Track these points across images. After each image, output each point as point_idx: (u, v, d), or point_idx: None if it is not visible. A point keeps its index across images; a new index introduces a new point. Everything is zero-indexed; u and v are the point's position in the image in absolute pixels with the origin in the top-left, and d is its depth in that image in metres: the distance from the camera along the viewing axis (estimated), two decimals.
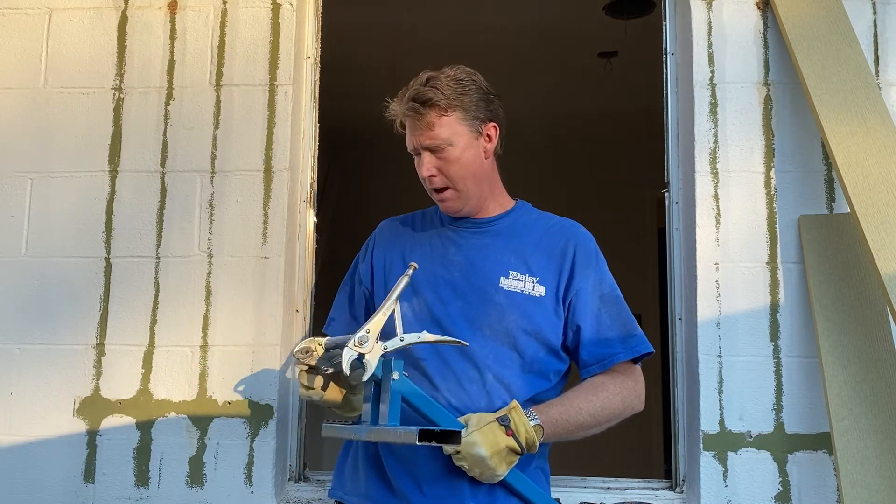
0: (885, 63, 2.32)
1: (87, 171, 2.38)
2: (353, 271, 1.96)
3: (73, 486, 2.26)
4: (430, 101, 1.73)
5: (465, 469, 1.63)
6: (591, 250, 1.86)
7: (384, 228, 1.98)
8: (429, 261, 1.83)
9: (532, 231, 1.86)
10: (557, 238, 1.85)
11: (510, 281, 1.78)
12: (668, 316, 2.39)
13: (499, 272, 1.79)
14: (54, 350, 2.31)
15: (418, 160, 1.80)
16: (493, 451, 1.60)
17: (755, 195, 2.28)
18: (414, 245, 1.89)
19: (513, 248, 1.83)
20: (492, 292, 1.78)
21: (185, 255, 2.33)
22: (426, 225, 1.93)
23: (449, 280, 1.80)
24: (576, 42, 4.28)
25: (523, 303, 1.77)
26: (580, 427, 1.74)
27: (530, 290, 1.78)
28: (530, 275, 1.79)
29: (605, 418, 1.76)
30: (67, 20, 2.45)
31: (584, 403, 1.74)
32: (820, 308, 2.16)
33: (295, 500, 2.27)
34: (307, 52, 2.49)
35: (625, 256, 5.74)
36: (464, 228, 1.87)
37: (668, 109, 2.44)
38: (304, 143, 2.45)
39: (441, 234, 1.88)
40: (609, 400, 1.76)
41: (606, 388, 1.77)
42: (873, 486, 1.95)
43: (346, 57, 4.21)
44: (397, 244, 1.91)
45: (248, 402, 2.26)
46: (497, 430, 1.62)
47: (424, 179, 1.80)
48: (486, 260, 1.82)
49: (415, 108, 1.73)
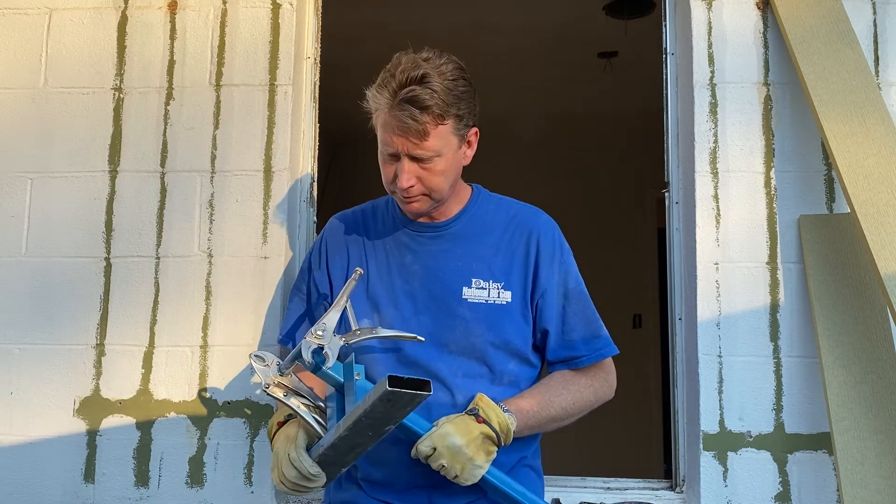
0: (885, 63, 2.32)
1: (87, 171, 2.38)
2: (307, 277, 1.87)
3: (73, 486, 2.26)
4: (426, 108, 1.58)
5: (444, 471, 1.57)
6: (555, 242, 1.78)
7: (335, 229, 1.87)
8: (385, 271, 1.75)
9: (492, 229, 1.77)
10: (519, 234, 1.76)
11: (473, 290, 1.70)
12: (668, 316, 2.39)
13: (460, 282, 1.71)
14: (54, 350, 2.31)
15: (392, 164, 1.65)
16: (467, 438, 1.56)
17: (755, 195, 2.28)
18: (369, 252, 1.79)
19: (473, 252, 1.74)
20: (454, 305, 1.70)
21: (185, 255, 2.33)
22: (378, 225, 1.82)
23: (409, 292, 1.72)
24: (576, 42, 4.28)
25: (489, 314, 1.70)
26: (552, 419, 1.71)
27: (495, 297, 1.71)
28: (494, 280, 1.72)
29: (576, 411, 1.74)
30: (67, 20, 2.45)
31: (555, 397, 1.72)
32: (820, 308, 2.16)
33: (295, 500, 2.27)
34: (307, 52, 2.49)
35: (625, 256, 5.77)
36: (419, 233, 1.77)
37: (668, 109, 2.44)
38: (304, 143, 2.45)
39: (396, 238, 1.78)
40: (580, 393, 1.75)
41: (578, 381, 1.76)
42: (873, 486, 1.95)
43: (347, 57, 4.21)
44: (353, 251, 1.81)
45: (248, 402, 2.26)
46: (468, 419, 1.59)
47: (399, 188, 1.65)
48: (446, 269, 1.73)
49: (411, 113, 1.57)
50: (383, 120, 1.63)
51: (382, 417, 1.48)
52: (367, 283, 1.76)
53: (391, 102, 1.59)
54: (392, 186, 1.69)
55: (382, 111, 1.62)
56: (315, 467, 1.55)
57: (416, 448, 1.58)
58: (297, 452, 1.56)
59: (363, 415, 1.47)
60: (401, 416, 1.51)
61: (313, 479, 1.56)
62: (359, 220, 1.86)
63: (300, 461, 1.55)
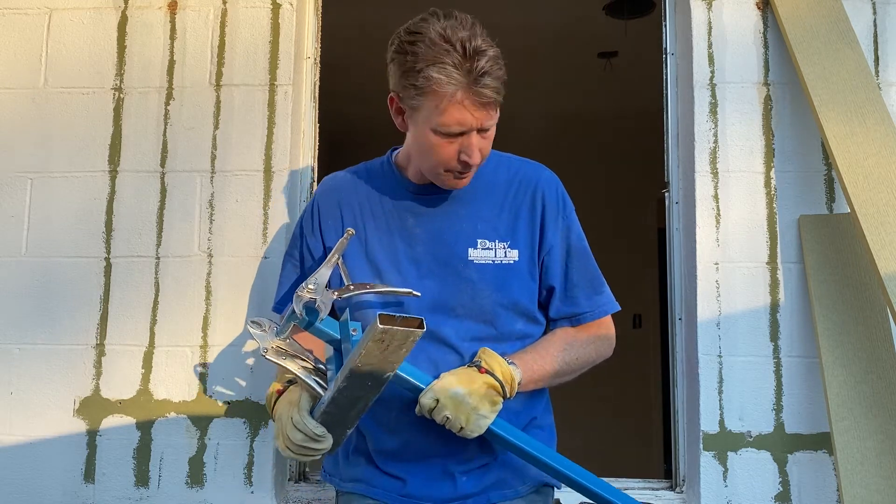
0: (885, 63, 2.32)
1: (87, 171, 2.38)
2: (299, 243, 1.80)
3: (73, 486, 2.26)
4: (501, 78, 1.53)
5: (448, 423, 1.54)
6: (559, 198, 1.74)
7: (327, 192, 1.80)
8: (386, 234, 1.70)
9: (495, 187, 1.72)
10: (523, 191, 1.72)
11: (479, 251, 1.66)
12: (668, 316, 2.39)
13: (466, 244, 1.67)
14: (54, 350, 2.31)
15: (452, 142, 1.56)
16: (470, 388, 1.53)
17: (755, 195, 2.28)
18: (366, 215, 1.73)
19: (477, 212, 1.69)
20: (461, 267, 1.66)
21: (185, 255, 2.33)
22: (375, 187, 1.75)
23: (412, 256, 1.67)
24: (576, 42, 4.28)
25: (496, 274, 1.66)
26: (556, 374, 1.68)
27: (502, 257, 1.67)
28: (500, 240, 1.68)
29: (579, 366, 1.72)
30: (67, 20, 2.45)
31: (558, 352, 1.69)
32: (820, 308, 2.16)
33: (295, 500, 2.27)
34: (307, 52, 2.49)
35: (625, 256, 5.77)
36: (421, 195, 1.71)
37: (668, 109, 2.44)
38: (304, 143, 2.45)
39: (396, 202, 1.72)
40: (583, 349, 1.73)
41: (580, 337, 1.73)
42: (873, 486, 1.95)
43: (347, 57, 4.21)
44: (347, 214, 1.74)
45: (248, 402, 2.26)
46: (470, 370, 1.57)
47: (471, 164, 1.58)
48: (450, 231, 1.68)
49: (494, 87, 1.51)
50: (458, 98, 1.51)
51: (379, 361, 1.43)
52: (367, 247, 1.70)
53: (466, 80, 1.50)
54: (450, 164, 1.59)
55: (457, 89, 1.50)
56: (320, 427, 1.51)
57: (420, 402, 1.55)
58: (301, 415, 1.52)
59: (360, 361, 1.42)
60: (398, 360, 1.45)
61: (319, 441, 1.52)
62: (352, 183, 1.78)
63: (304, 423, 1.51)
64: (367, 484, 1.70)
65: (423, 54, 1.51)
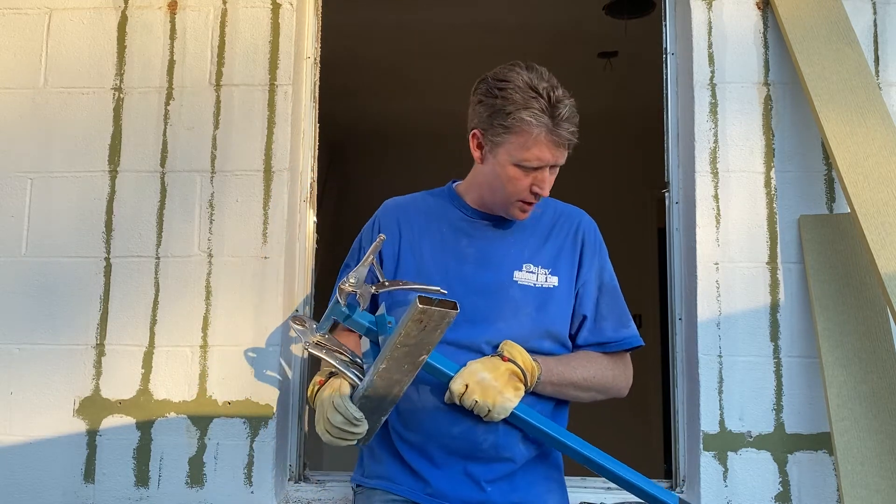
0: (885, 63, 2.32)
1: (87, 171, 2.38)
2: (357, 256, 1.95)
3: (73, 486, 2.26)
4: (576, 121, 1.77)
5: (477, 407, 1.68)
6: (597, 239, 1.94)
7: (389, 211, 1.97)
8: (440, 252, 1.86)
9: (541, 222, 1.91)
10: (567, 228, 1.92)
11: (524, 274, 1.83)
12: (668, 316, 2.39)
13: (512, 266, 1.84)
14: (54, 350, 2.31)
15: (527, 176, 1.77)
16: (495, 373, 1.69)
17: (755, 195, 2.28)
18: (424, 234, 1.90)
19: (524, 241, 1.88)
20: (506, 287, 1.82)
21: (185, 255, 2.33)
22: (435, 210, 1.93)
23: (461, 274, 1.83)
24: (576, 42, 4.28)
25: (537, 295, 1.82)
26: (573, 385, 1.82)
27: (543, 281, 1.84)
28: (543, 266, 1.85)
29: (595, 385, 1.85)
30: (67, 20, 2.45)
31: (578, 365, 1.83)
32: (820, 308, 2.16)
33: (295, 500, 2.27)
34: (307, 52, 2.49)
35: (625, 256, 5.75)
36: (477, 220, 1.89)
37: (668, 109, 2.44)
38: (304, 143, 2.45)
39: (453, 224, 1.90)
40: (603, 371, 1.86)
41: (601, 360, 1.87)
42: (873, 486, 1.95)
43: (347, 56, 4.21)
44: (406, 233, 1.91)
45: (248, 402, 2.26)
46: (493, 358, 1.72)
47: (541, 195, 1.79)
48: (498, 253, 1.86)
49: (572, 130, 1.75)
50: (542, 138, 1.73)
51: (417, 343, 1.58)
52: (421, 262, 1.86)
53: (550, 123, 1.73)
54: (522, 195, 1.79)
55: (541, 130, 1.72)
56: (358, 412, 1.67)
57: (450, 388, 1.70)
58: (342, 398, 1.68)
59: (399, 341, 1.57)
60: (432, 343, 1.60)
61: (356, 425, 1.67)
62: (412, 205, 1.97)
63: (344, 406, 1.67)
64: (391, 481, 1.81)
65: (513, 99, 1.74)
